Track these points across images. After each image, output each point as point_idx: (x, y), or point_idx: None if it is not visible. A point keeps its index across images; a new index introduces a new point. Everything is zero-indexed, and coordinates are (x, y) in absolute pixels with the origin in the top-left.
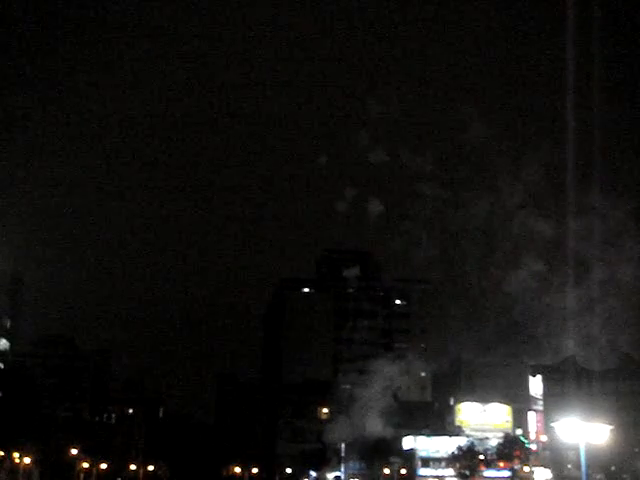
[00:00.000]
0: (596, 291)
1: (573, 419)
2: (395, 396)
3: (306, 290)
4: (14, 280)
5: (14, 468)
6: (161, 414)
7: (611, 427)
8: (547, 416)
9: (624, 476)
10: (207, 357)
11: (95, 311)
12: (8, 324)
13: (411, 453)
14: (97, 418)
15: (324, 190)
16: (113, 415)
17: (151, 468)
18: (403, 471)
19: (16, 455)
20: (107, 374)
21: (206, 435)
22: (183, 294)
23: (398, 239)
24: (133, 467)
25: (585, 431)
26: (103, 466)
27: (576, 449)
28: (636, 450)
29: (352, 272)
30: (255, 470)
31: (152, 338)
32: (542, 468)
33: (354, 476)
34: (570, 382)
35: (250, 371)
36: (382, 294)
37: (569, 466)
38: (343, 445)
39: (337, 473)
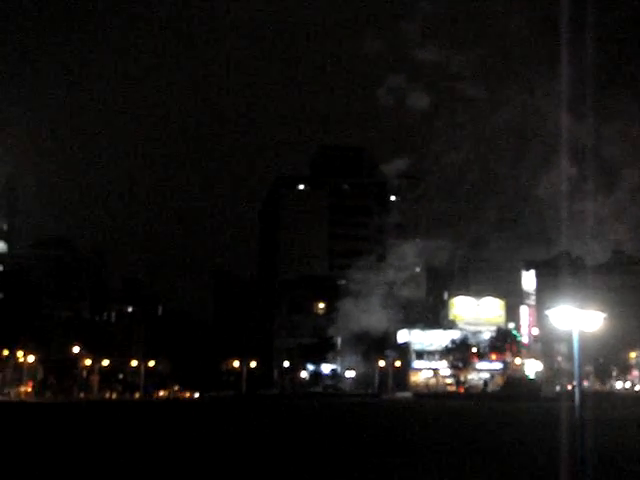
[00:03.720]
0: (591, 188)
1: (567, 306)
2: (390, 291)
3: (301, 187)
4: (9, 184)
5: (18, 366)
6: (160, 312)
7: (604, 315)
8: (539, 310)
9: (612, 367)
10: (205, 256)
11: (93, 213)
12: (5, 227)
13: (406, 346)
14: (97, 317)
15: (323, 88)
16: (113, 314)
17: (152, 364)
18: (398, 363)
19: (20, 354)
20: (106, 274)
21: (205, 331)
22: (180, 193)
23: (395, 135)
24: (134, 363)
25: (579, 318)
26: (105, 363)
27: (567, 341)
28: (623, 343)
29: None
30: (253, 364)
31: (150, 238)
32: (533, 360)
33: (350, 368)
34: (563, 276)
35: (247, 268)
36: (377, 190)
37: (559, 358)
38: (339, 339)
39: (333, 366)
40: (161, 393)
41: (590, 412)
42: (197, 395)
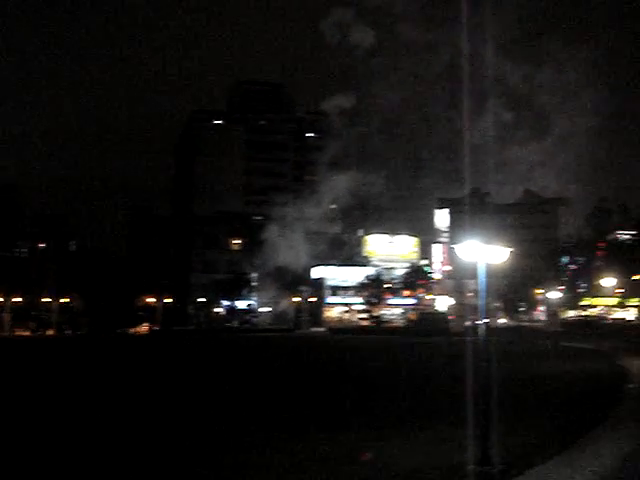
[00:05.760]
0: (503, 129)
1: (474, 241)
2: (305, 227)
3: (218, 122)
4: None
5: None
6: (73, 248)
7: (511, 249)
8: (451, 247)
9: (519, 303)
10: (119, 192)
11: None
12: None
13: (320, 282)
14: (8, 254)
15: (240, 19)
16: (24, 250)
17: (65, 300)
18: (313, 299)
19: None
20: (15, 209)
21: (119, 267)
22: (93, 124)
23: (315, 71)
24: (47, 300)
25: (485, 251)
26: (17, 299)
27: (477, 278)
28: (530, 280)
29: (264, 103)
30: (169, 300)
31: (63, 172)
32: (445, 296)
33: (266, 304)
34: (474, 214)
35: (163, 204)
36: (294, 126)
37: (469, 294)
38: (255, 275)
39: (249, 301)
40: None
41: (494, 345)
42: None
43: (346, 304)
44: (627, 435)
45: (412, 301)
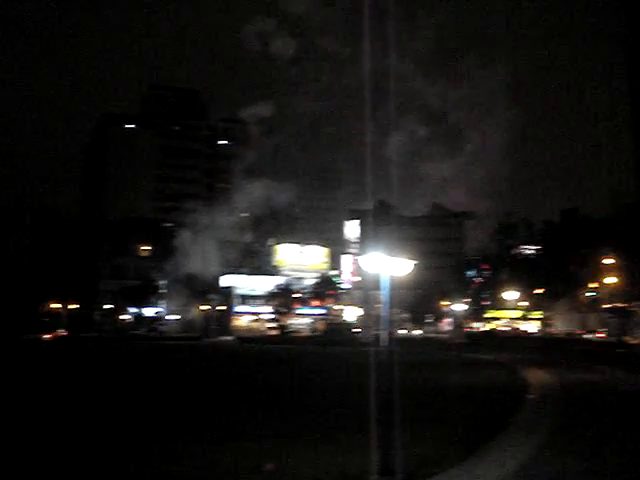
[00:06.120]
0: (417, 144)
1: (378, 253)
2: (216, 235)
3: (130, 126)
4: None
5: None
6: None
7: (415, 261)
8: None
9: (426, 315)
10: (25, 191)
11: None
12: None
13: (230, 291)
14: None
15: (160, 23)
16: None
17: None
18: (221, 308)
19: None
20: None
21: (22, 271)
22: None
23: (235, 79)
24: None
25: (389, 263)
26: None
27: (385, 290)
28: (438, 292)
29: (178, 109)
30: (74, 306)
31: None
32: (354, 307)
33: (174, 312)
34: (389, 226)
35: (70, 207)
36: (208, 133)
37: (377, 305)
38: (164, 282)
39: (158, 309)
40: None
41: (399, 355)
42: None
43: (255, 313)
44: (526, 443)
45: (321, 311)
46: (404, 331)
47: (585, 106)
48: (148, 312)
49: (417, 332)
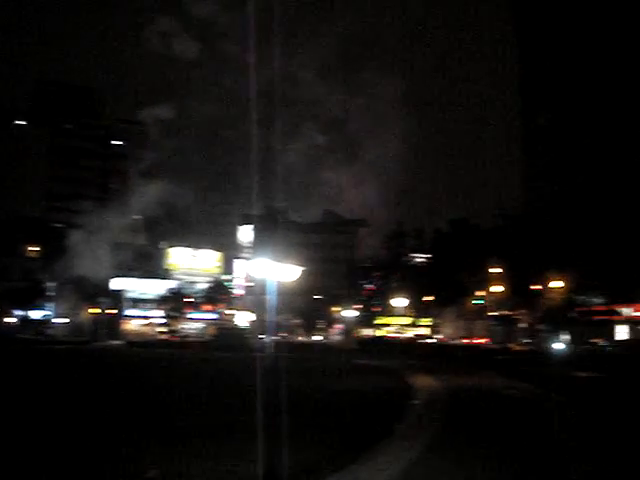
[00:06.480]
0: (314, 152)
1: (265, 259)
2: (108, 237)
3: (19, 122)
4: None
5: None
6: None
7: (303, 268)
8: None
9: (318, 321)
10: None
11: None
12: None
13: (120, 294)
14: None
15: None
16: None
17: None
18: (111, 311)
19: None
20: None
21: None
22: None
23: (131, 79)
24: None
25: (276, 269)
26: None
27: (277, 295)
28: (329, 298)
29: (71, 107)
30: None
31: None
32: (246, 312)
33: (63, 315)
34: (277, 232)
35: None
36: (102, 133)
37: (269, 311)
38: (52, 284)
39: (45, 312)
40: None
41: (289, 360)
42: None
43: (146, 317)
44: (409, 448)
45: (213, 316)
46: (297, 337)
47: (478, 120)
48: (35, 315)
49: (309, 338)
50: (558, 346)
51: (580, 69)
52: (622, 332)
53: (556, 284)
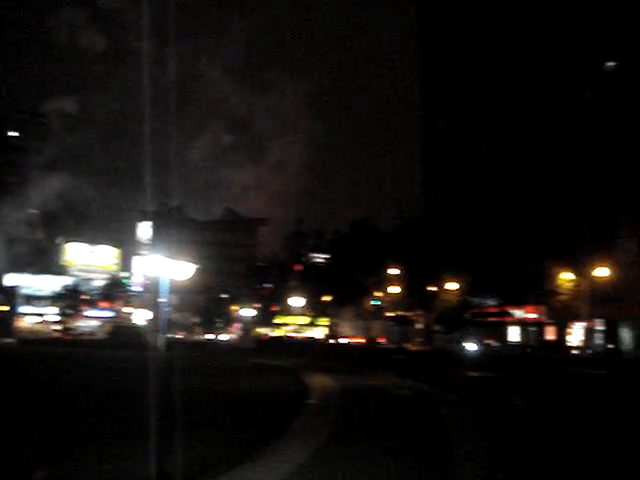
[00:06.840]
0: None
1: (158, 255)
2: (2, 232)
3: None
4: None
5: None
6: None
7: (197, 266)
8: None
9: (217, 319)
10: None
11: None
12: None
13: (14, 290)
14: None
15: None
16: None
17: None
18: (4, 308)
19: None
20: None
21: None
22: None
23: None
24: None
25: (169, 267)
26: None
27: (176, 293)
28: (229, 296)
29: None
30: None
31: None
32: (144, 310)
33: None
34: (175, 229)
35: None
36: None
37: (167, 309)
38: None
39: None
40: None
41: (186, 359)
42: None
43: (40, 314)
44: (302, 447)
45: (110, 313)
46: (195, 336)
47: (381, 122)
48: None
49: (207, 336)
50: (470, 347)
51: (480, 76)
52: (514, 333)
53: (451, 286)
